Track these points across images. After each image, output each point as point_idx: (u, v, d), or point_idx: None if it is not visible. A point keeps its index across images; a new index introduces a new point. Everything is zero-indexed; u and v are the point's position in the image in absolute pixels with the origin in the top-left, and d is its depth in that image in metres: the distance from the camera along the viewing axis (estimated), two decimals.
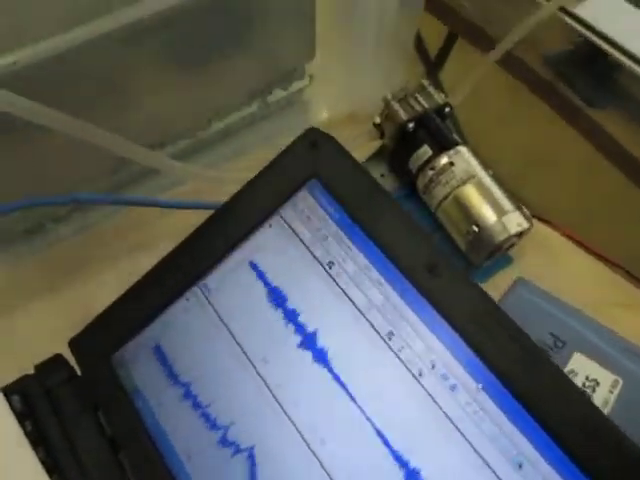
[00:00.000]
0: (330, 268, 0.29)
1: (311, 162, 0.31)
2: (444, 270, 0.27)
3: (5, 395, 0.32)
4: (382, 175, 0.46)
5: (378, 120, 0.43)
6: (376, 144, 0.47)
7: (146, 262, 0.40)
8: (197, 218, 0.36)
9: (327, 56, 0.48)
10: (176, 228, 0.42)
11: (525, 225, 0.39)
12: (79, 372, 0.33)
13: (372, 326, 0.28)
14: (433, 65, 0.80)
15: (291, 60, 0.45)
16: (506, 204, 0.39)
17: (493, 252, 0.40)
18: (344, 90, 0.51)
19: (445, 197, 0.40)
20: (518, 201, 0.40)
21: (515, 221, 0.39)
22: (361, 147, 0.48)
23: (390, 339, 0.27)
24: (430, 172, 0.41)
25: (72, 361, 0.34)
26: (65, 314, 0.39)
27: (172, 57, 0.39)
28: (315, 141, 0.31)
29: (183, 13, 0.36)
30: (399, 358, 0.27)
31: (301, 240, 0.30)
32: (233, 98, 0.44)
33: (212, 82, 0.41)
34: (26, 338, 0.38)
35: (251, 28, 0.41)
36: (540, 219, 0.43)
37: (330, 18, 0.46)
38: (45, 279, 0.39)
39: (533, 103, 0.56)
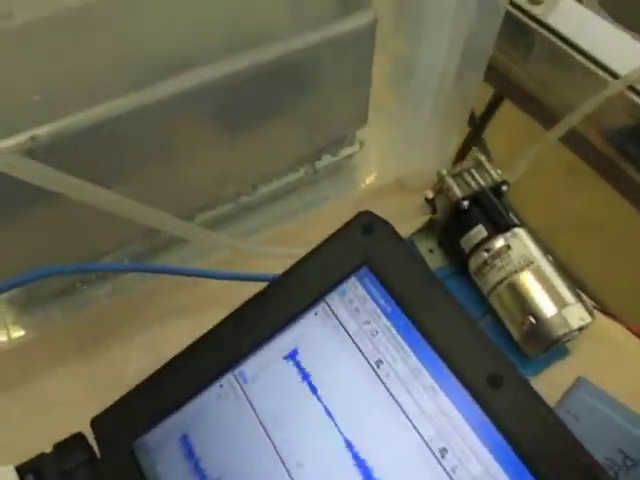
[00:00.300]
0: (378, 367, 0.27)
1: (363, 248, 0.29)
2: (509, 383, 0.24)
3: (19, 473, 0.30)
4: (431, 250, 0.44)
5: (430, 195, 0.41)
6: (426, 217, 0.45)
7: (177, 330, 0.39)
8: (232, 287, 0.34)
9: (379, 122, 0.47)
10: (210, 296, 0.40)
11: (588, 319, 0.36)
12: (99, 454, 0.31)
13: (422, 438, 0.25)
14: (477, 127, 0.79)
15: (343, 126, 0.44)
16: (567, 295, 0.36)
17: (550, 346, 0.37)
18: (394, 157, 0.49)
19: (500, 282, 0.37)
20: (578, 289, 0.37)
21: (577, 314, 0.36)
22: (410, 219, 0.46)
23: (443, 457, 0.24)
24: (484, 254, 0.38)
25: (92, 437, 0.32)
26: (92, 382, 0.37)
27: (221, 120, 0.37)
28: (369, 225, 0.29)
29: (235, 79, 0.35)
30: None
31: (347, 333, 0.28)
32: (281, 163, 0.42)
33: (261, 147, 0.40)
34: (49, 406, 0.36)
35: (304, 93, 0.40)
36: (603, 312, 0.40)
37: (385, 84, 0.44)
38: (74, 343, 0.38)
39: (592, 178, 0.53)
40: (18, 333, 0.38)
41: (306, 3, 0.39)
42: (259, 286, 0.32)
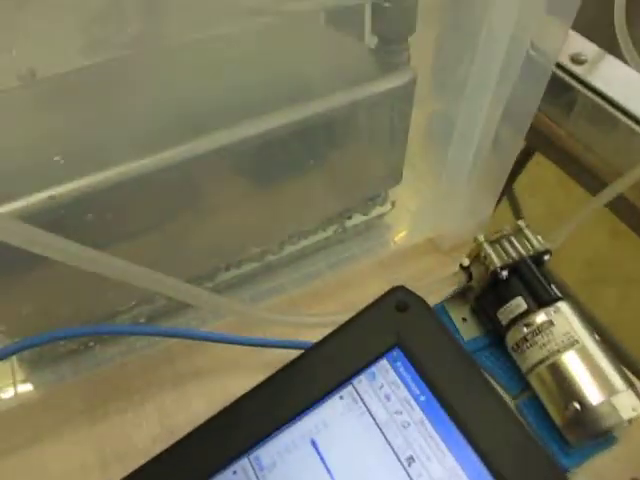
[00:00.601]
0: (409, 465, 0.24)
1: (396, 327, 0.26)
2: None
3: None
4: (464, 319, 0.41)
5: (466, 262, 0.39)
6: (460, 281, 0.42)
7: (193, 396, 0.36)
8: (251, 351, 0.32)
9: (412, 180, 0.45)
10: (229, 359, 0.38)
11: None
12: None
13: None
14: (508, 180, 0.76)
15: (377, 185, 0.42)
16: (617, 381, 0.33)
17: (596, 436, 0.33)
18: (427, 217, 0.47)
19: (541, 361, 0.34)
20: (629, 372, 0.34)
21: (628, 403, 0.32)
22: (443, 283, 0.44)
23: None
24: (524, 329, 0.35)
25: None
26: (98, 448, 0.35)
27: (251, 177, 0.36)
28: (403, 302, 0.27)
29: (268, 136, 0.34)
30: None
31: (376, 422, 0.25)
32: (310, 222, 0.41)
33: (290, 205, 0.38)
34: (51, 471, 0.34)
35: (338, 151, 0.38)
36: None
37: (420, 141, 0.43)
38: (83, 404, 0.36)
39: (635, 244, 0.50)
40: (26, 390, 0.36)
41: (345, 62, 0.39)
42: (279, 351, 0.30)
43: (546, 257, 0.38)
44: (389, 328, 0.26)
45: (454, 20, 0.37)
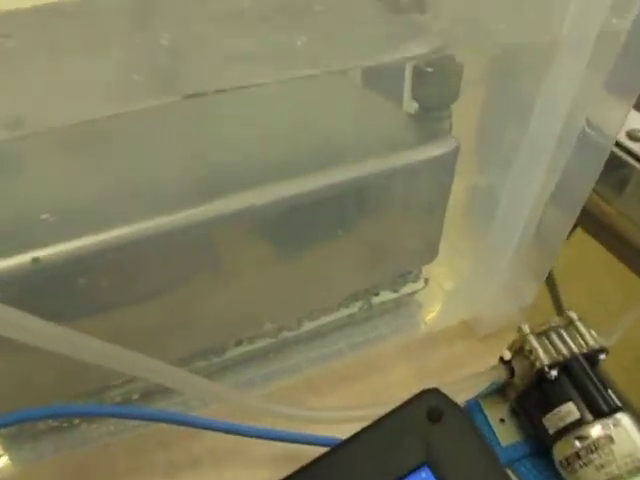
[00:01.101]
0: None
1: (425, 440, 0.22)
2: None
3: None
4: (502, 420, 0.35)
5: (508, 355, 0.34)
6: (499, 375, 0.37)
7: None
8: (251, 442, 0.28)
9: (448, 256, 0.41)
10: (227, 448, 0.33)
11: None
12: None
13: None
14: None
15: (410, 261, 0.38)
16: None
17: None
18: (462, 298, 0.43)
19: None
20: None
21: None
22: (478, 374, 0.39)
23: None
24: (576, 443, 0.30)
25: None
26: None
27: (272, 243, 0.33)
28: (435, 410, 0.22)
29: (296, 199, 0.31)
30: None
31: None
32: (334, 297, 0.37)
33: (314, 276, 0.35)
34: None
35: (370, 220, 0.35)
36: None
37: (459, 215, 0.39)
38: None
39: None
40: (2, 465, 0.32)
41: (382, 126, 0.36)
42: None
43: (601, 356, 0.33)
44: (418, 441, 0.22)
45: (503, 89, 0.34)
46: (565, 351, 0.32)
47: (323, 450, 0.24)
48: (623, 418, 0.30)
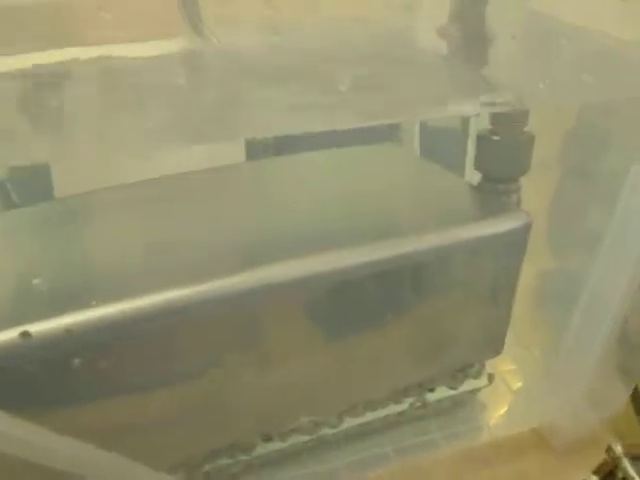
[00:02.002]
0: None
1: None
2: None
3: None
4: None
5: None
6: None
7: None
8: None
9: (516, 352, 0.36)
10: None
11: None
12: None
13: None
14: None
15: (471, 353, 0.33)
16: None
17: None
18: (533, 401, 0.37)
19: None
20: None
21: None
22: None
23: None
24: None
25: None
26: None
27: (313, 322, 0.29)
28: None
29: (346, 274, 0.27)
30: None
31: None
32: (382, 390, 0.32)
33: (360, 364, 0.30)
34: None
35: (427, 302, 0.31)
36: None
37: (531, 306, 0.34)
38: None
39: None
40: None
41: (441, 198, 0.32)
42: None
43: None
44: None
45: (585, 163, 0.30)
46: None
47: None
48: None
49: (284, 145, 0.43)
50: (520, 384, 0.38)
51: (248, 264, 0.26)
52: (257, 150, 0.48)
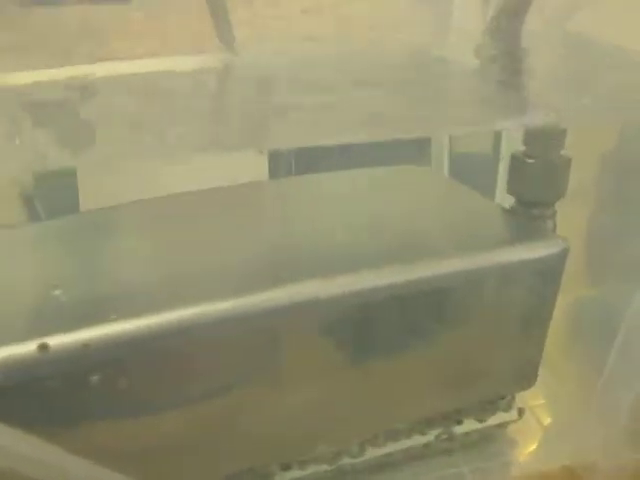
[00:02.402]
0: None
1: None
2: None
3: None
4: None
5: None
6: None
7: None
8: None
9: (549, 384, 0.34)
10: None
11: None
12: None
13: None
14: None
15: (500, 385, 0.32)
16: None
17: None
18: (567, 435, 0.35)
19: None
20: None
21: None
22: None
23: None
24: None
25: None
26: None
27: (334, 344, 0.28)
28: None
29: (372, 295, 0.26)
30: None
31: None
32: (406, 419, 0.30)
33: (382, 391, 0.29)
34: None
35: (454, 328, 0.29)
36: None
37: (565, 336, 0.33)
38: None
39: None
40: None
41: (472, 220, 0.31)
42: None
43: None
44: None
45: (628, 187, 0.29)
46: None
47: None
48: None
49: (307, 164, 0.42)
50: (552, 419, 0.36)
51: (270, 283, 0.26)
52: (280, 168, 0.48)
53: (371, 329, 0.27)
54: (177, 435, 0.25)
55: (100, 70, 0.24)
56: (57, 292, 0.23)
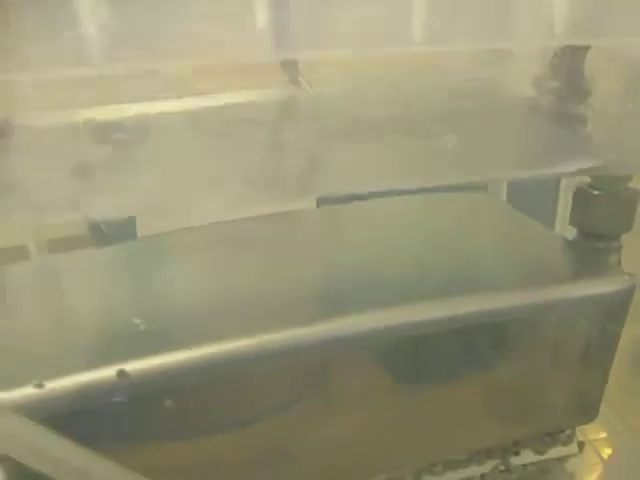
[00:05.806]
0: None
1: None
2: None
3: None
4: None
5: None
6: None
7: None
8: None
9: (610, 420, 0.33)
10: None
11: None
12: None
13: None
14: None
15: (560, 419, 0.31)
16: None
17: None
18: (625, 470, 0.34)
19: None
20: None
21: None
22: None
23: None
24: None
25: None
26: None
27: (387, 374, 0.28)
28: None
29: (423, 328, 0.26)
30: None
31: None
32: (462, 449, 0.30)
33: (437, 419, 0.29)
34: None
35: (515, 360, 0.29)
36: None
37: (627, 372, 0.32)
38: None
39: None
40: None
41: (531, 252, 0.31)
42: None
43: None
44: None
45: None
46: None
47: None
48: None
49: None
50: (612, 453, 0.35)
51: (326, 314, 0.26)
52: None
53: (425, 358, 0.28)
54: (230, 461, 0.26)
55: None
56: (134, 319, 0.24)
